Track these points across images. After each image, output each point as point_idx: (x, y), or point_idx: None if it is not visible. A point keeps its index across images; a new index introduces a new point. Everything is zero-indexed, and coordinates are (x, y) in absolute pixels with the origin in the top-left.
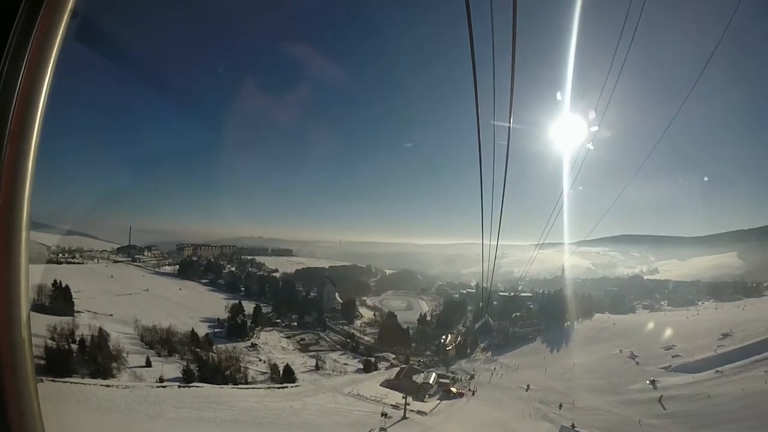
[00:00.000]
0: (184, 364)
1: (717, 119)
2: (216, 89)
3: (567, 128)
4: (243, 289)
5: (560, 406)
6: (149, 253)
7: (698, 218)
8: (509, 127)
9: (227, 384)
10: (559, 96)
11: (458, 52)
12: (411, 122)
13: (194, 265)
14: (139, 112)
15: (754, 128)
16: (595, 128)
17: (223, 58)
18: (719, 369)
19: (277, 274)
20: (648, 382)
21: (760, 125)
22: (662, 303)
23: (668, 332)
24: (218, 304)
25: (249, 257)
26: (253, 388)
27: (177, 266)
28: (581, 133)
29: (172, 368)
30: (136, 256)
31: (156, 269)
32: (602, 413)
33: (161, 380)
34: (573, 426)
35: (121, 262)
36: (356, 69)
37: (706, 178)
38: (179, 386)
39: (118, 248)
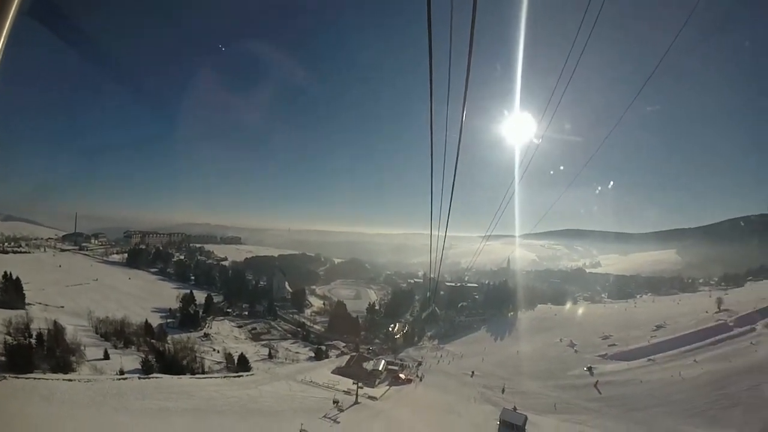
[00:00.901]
0: (142, 355)
1: (665, 123)
2: (169, 75)
3: (517, 125)
4: (193, 278)
5: (503, 390)
6: (96, 241)
7: (641, 216)
8: (461, 120)
9: (185, 374)
10: (511, 95)
11: (415, 49)
12: (363, 114)
13: (142, 253)
14: (89, 95)
15: (700, 134)
16: (545, 126)
17: (177, 45)
18: (651, 357)
19: (226, 263)
20: (585, 368)
21: (706, 131)
22: (603, 295)
23: (606, 323)
24: (169, 294)
25: (198, 245)
26: (211, 377)
27: (125, 255)
28: (530, 129)
29: (130, 360)
30: (83, 244)
31: (104, 258)
32: (541, 397)
33: (122, 372)
34: (514, 408)
35: (68, 250)
36: (314, 64)
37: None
38: (139, 378)
39: (64, 236)
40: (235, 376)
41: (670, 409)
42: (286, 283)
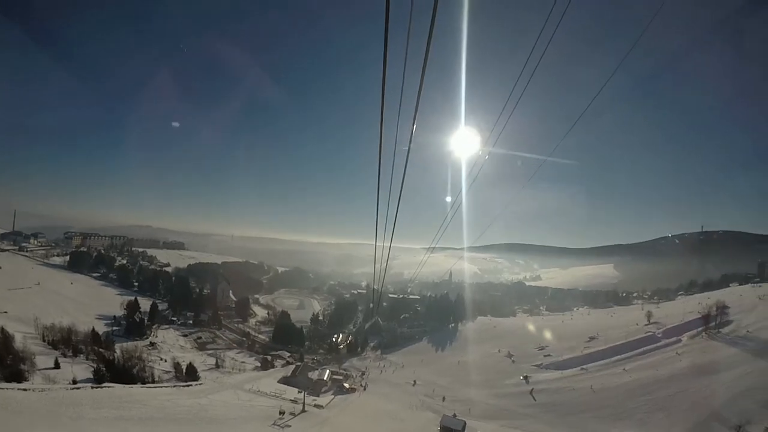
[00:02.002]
0: (93, 365)
1: (607, 144)
2: (114, 72)
3: (464, 142)
4: (136, 284)
5: (443, 398)
6: (36, 241)
7: (582, 232)
8: (411, 134)
9: (136, 383)
10: (458, 110)
11: (370, 60)
12: (310, 121)
13: (84, 256)
14: (29, 87)
15: (641, 156)
16: (492, 143)
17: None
18: (584, 367)
19: (169, 269)
20: (522, 377)
21: (646, 154)
22: (541, 308)
23: (543, 334)
24: (112, 300)
25: (140, 250)
26: (161, 386)
27: (67, 257)
28: (476, 146)
29: (81, 369)
30: (23, 245)
31: (45, 260)
32: (480, 404)
33: (74, 382)
34: (454, 415)
35: (7, 250)
36: (264, 72)
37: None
38: (92, 387)
39: (1, 234)
40: (184, 386)
41: (601, 414)
42: (231, 291)
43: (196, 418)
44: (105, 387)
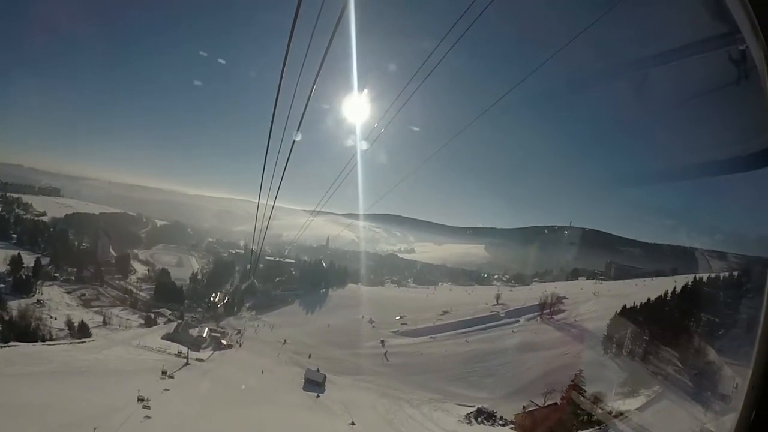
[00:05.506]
0: None
1: (498, 133)
2: None
3: (365, 112)
4: (14, 236)
5: (309, 356)
6: None
7: (463, 211)
8: (311, 91)
9: (37, 341)
10: (364, 83)
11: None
12: (196, 58)
13: None
14: None
15: (523, 144)
16: (390, 116)
17: None
18: (433, 336)
19: (46, 218)
20: (379, 341)
21: (528, 143)
22: (409, 280)
23: (405, 305)
24: None
25: (15, 196)
26: (59, 344)
27: None
28: (376, 117)
29: None
30: None
31: None
32: (340, 361)
33: None
34: (317, 370)
35: None
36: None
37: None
38: (0, 347)
39: None
40: (79, 342)
41: (441, 375)
42: (111, 247)
43: (97, 370)
44: (12, 346)
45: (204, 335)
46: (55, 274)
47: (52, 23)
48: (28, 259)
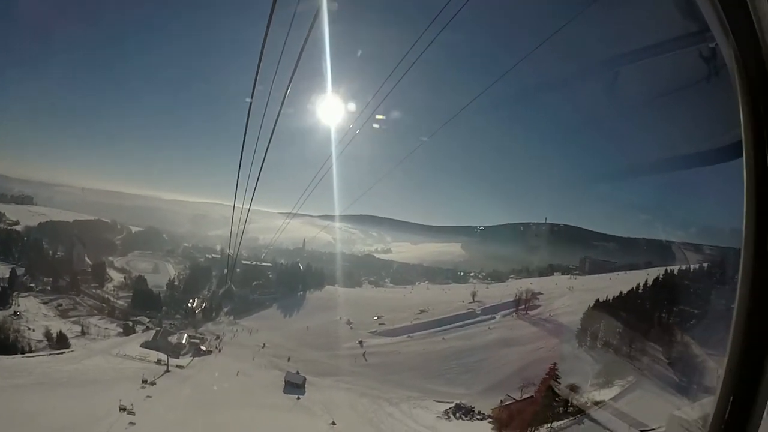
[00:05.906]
0: None
1: (483, 134)
2: None
3: (339, 115)
4: None
5: (288, 359)
6: None
7: (436, 210)
8: (286, 94)
9: (17, 354)
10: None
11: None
12: (174, 65)
13: None
14: None
15: (499, 144)
16: (365, 118)
17: None
18: (411, 335)
19: (19, 227)
20: (358, 342)
21: (503, 142)
22: (386, 280)
23: (382, 305)
24: None
25: None
26: (38, 355)
27: None
28: (350, 119)
29: None
30: None
31: None
32: (319, 363)
33: None
34: (297, 372)
35: None
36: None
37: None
38: None
39: None
40: (58, 353)
41: (419, 373)
42: (86, 255)
43: (78, 381)
44: None
45: (183, 342)
46: (31, 285)
47: (19, 26)
48: (3, 270)
